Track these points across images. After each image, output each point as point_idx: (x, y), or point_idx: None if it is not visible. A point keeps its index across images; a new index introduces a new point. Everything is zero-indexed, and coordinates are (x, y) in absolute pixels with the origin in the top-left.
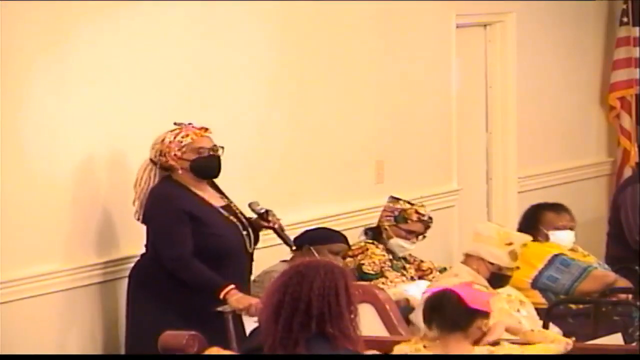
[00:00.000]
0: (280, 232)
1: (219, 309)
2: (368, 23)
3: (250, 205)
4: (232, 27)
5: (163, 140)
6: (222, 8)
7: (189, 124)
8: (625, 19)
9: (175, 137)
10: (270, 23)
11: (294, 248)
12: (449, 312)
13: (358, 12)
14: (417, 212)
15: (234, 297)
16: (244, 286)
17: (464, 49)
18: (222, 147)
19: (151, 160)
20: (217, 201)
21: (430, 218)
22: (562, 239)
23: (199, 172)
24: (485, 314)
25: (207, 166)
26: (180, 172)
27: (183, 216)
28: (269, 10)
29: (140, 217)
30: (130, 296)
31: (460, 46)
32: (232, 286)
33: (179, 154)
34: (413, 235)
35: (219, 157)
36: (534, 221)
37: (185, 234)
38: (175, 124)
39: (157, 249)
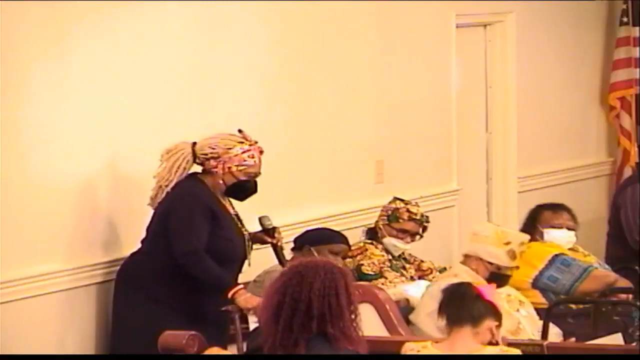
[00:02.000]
0: (279, 250)
1: (225, 308)
2: (368, 23)
3: (260, 218)
4: (232, 27)
5: (230, 149)
6: (222, 8)
7: (256, 142)
8: (625, 19)
9: (243, 153)
10: (270, 23)
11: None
12: (467, 302)
13: (358, 12)
14: (408, 210)
15: (242, 297)
16: None
17: (464, 49)
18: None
19: (194, 152)
20: (231, 209)
21: (424, 217)
22: (555, 237)
23: (232, 191)
24: (497, 315)
25: (244, 191)
26: (220, 181)
27: (207, 213)
28: (269, 11)
29: (156, 204)
30: (118, 295)
31: (460, 46)
32: (241, 286)
33: (234, 169)
34: (406, 234)
35: (255, 183)
36: (533, 220)
37: (205, 230)
38: (239, 131)
39: (174, 239)
